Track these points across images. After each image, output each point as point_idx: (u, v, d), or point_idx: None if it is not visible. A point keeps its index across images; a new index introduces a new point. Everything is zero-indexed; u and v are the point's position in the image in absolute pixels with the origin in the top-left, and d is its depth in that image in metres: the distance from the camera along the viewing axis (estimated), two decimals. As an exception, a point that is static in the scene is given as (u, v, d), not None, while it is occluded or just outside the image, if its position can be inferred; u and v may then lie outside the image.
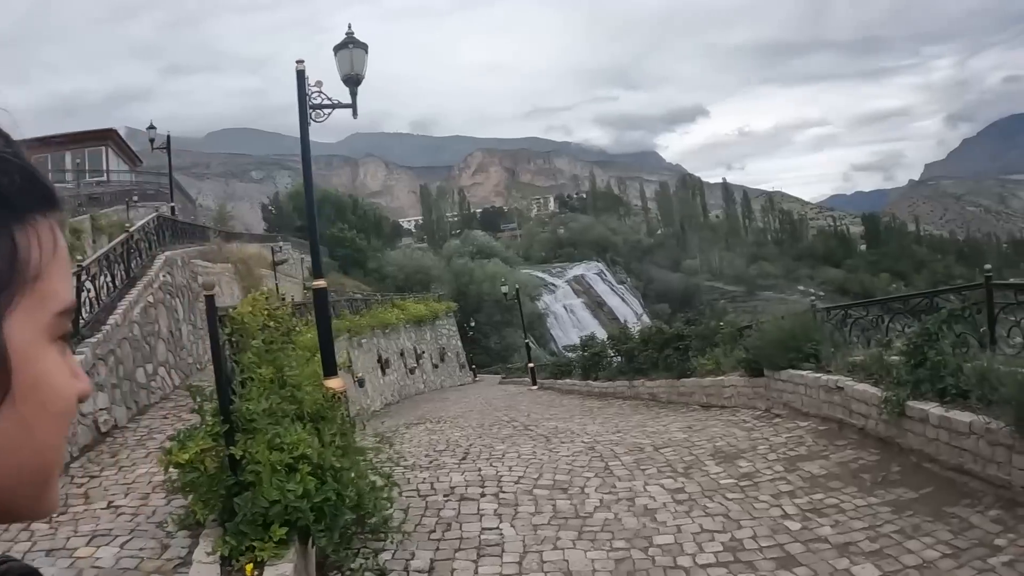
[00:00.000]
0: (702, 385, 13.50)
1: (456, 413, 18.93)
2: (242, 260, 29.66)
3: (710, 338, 14.33)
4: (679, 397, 14.73)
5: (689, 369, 14.29)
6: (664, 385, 15.41)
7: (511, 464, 8.56)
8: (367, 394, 23.19)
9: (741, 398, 11.96)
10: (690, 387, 14.12)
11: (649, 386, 16.65)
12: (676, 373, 14.67)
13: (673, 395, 15.04)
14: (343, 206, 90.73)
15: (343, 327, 20.90)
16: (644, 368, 17.33)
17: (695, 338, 14.44)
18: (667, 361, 14.99)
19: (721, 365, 13.28)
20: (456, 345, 50.43)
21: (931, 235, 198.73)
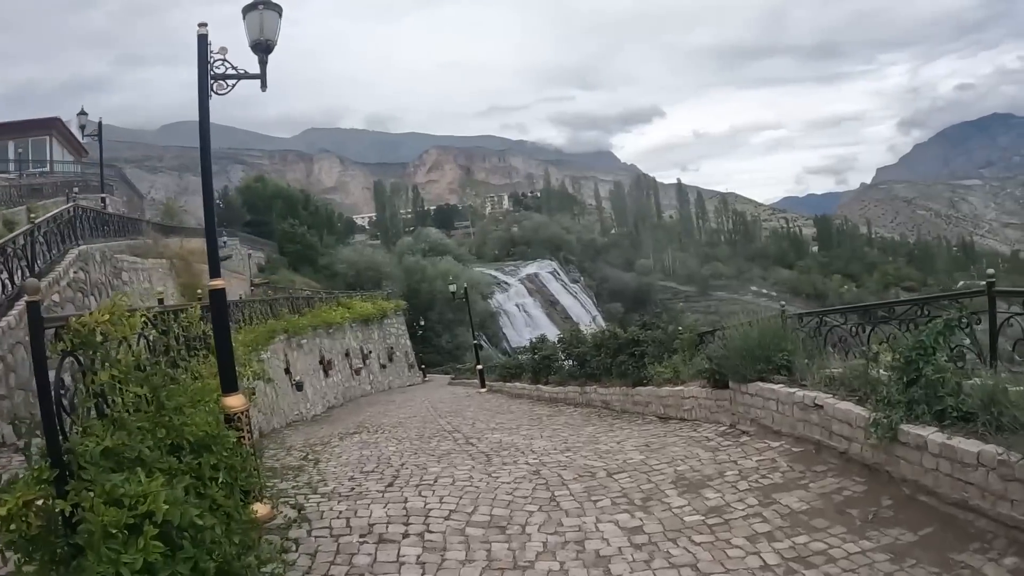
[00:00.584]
0: (659, 395, 12.50)
1: (397, 420, 17.75)
2: (181, 256, 28.12)
3: (668, 344, 13.37)
4: (634, 407, 13.74)
5: (645, 377, 13.31)
6: (618, 393, 14.42)
7: (443, 493, 7.42)
8: (307, 398, 21.89)
9: (703, 411, 10.98)
10: (646, 396, 13.13)
11: (602, 393, 15.66)
12: (631, 381, 13.69)
13: (627, 404, 14.05)
14: (294, 201, 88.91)
15: (280, 328, 19.60)
16: (596, 374, 16.34)
17: (651, 344, 13.46)
18: (621, 368, 13.99)
19: (680, 374, 12.30)
20: (405, 344, 49.14)
21: (882, 238, 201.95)
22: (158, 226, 32.19)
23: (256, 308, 18.23)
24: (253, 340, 15.51)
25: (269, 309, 20.31)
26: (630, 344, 13.70)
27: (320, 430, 16.24)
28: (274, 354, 18.40)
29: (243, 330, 15.72)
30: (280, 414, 17.99)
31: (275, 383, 17.97)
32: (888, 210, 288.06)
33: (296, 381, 19.93)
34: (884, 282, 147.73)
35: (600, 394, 15.81)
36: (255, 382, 10.81)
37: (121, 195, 59.09)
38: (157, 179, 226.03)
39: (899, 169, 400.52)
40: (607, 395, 15.30)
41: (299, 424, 18.64)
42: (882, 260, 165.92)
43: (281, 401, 18.32)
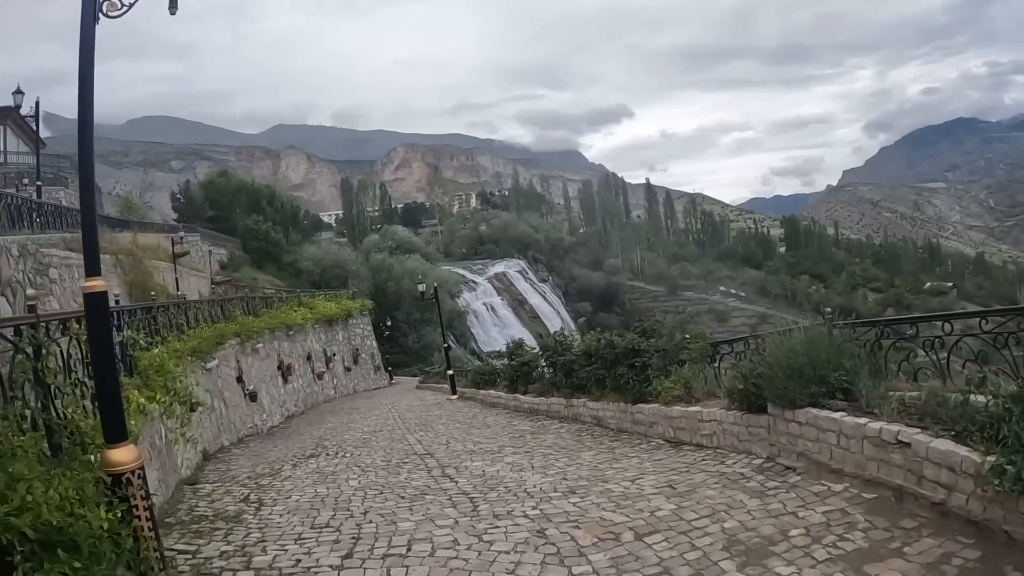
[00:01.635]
0: (668, 415, 10.73)
1: (361, 436, 15.88)
2: (129, 251, 25.93)
3: (674, 355, 11.61)
4: (634, 426, 11.98)
5: (649, 393, 11.54)
6: (614, 410, 12.63)
7: (421, 572, 5.52)
8: (263, 408, 19.87)
9: (728, 438, 9.21)
10: (650, 415, 11.36)
11: (593, 408, 13.88)
12: (631, 396, 11.90)
13: (625, 422, 12.28)
14: (259, 197, 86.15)
15: (231, 331, 17.56)
16: (585, 385, 14.58)
17: (655, 355, 11.69)
18: (619, 381, 12.20)
19: (693, 391, 10.56)
20: (371, 346, 47.12)
21: (849, 239, 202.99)
22: (105, 218, 29.89)
23: (203, 310, 16.21)
24: (196, 347, 13.54)
25: (220, 310, 18.29)
26: (629, 354, 11.91)
27: (273, 450, 14.32)
28: (224, 362, 16.41)
29: (185, 336, 13.75)
30: (231, 429, 16.02)
31: (224, 396, 15.98)
32: (854, 212, 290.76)
33: (249, 391, 17.93)
34: (852, 283, 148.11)
35: (591, 409, 14.03)
36: (176, 408, 8.86)
37: (77, 188, 56.71)
38: (122, 175, 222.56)
39: (865, 171, 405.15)
40: (600, 411, 13.54)
41: (252, 441, 16.66)
42: (849, 261, 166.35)
43: (232, 414, 16.33)
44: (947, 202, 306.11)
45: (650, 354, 11.74)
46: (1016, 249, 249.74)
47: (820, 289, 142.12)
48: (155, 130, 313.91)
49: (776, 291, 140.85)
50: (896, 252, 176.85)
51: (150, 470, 7.59)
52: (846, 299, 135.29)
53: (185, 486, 9.34)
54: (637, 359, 11.78)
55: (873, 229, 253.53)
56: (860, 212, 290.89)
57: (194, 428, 12.38)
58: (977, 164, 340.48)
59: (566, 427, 14.13)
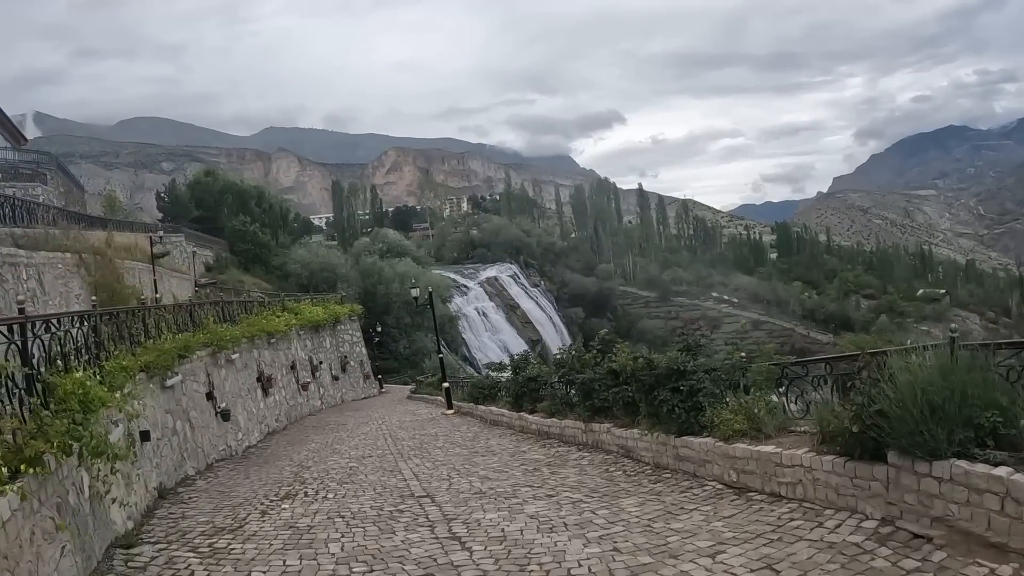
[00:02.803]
0: (729, 454, 8.70)
1: (348, 462, 13.85)
2: (98, 250, 23.75)
3: (730, 378, 9.62)
4: (677, 462, 9.94)
5: (698, 424, 9.52)
6: (651, 442, 10.57)
7: None
8: (238, 426, 17.72)
9: (819, 489, 7.18)
10: (701, 452, 9.33)
11: (620, 436, 11.84)
12: (675, 427, 9.86)
13: (666, 457, 10.25)
14: (246, 197, 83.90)
15: (200, 341, 15.41)
16: (607, 408, 12.57)
17: (707, 377, 9.67)
18: (658, 407, 10.14)
19: (761, 425, 8.55)
20: (360, 353, 44.94)
21: (839, 246, 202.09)
22: (77, 215, 27.74)
23: (166, 317, 14.04)
24: (153, 362, 11.42)
25: (189, 317, 16.12)
26: (673, 376, 9.86)
27: (244, 483, 12.19)
28: (190, 377, 14.27)
29: (142, 349, 11.66)
30: (198, 455, 13.89)
31: (190, 416, 13.85)
32: (844, 218, 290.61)
33: (221, 409, 15.76)
34: (844, 289, 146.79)
35: (617, 437, 11.98)
36: (108, 447, 6.77)
37: (57, 185, 55.51)
38: (113, 175, 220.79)
39: (855, 178, 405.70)
40: (629, 440, 11.49)
41: (222, 468, 14.51)
42: (841, 267, 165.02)
43: (200, 437, 14.20)
44: (937, 209, 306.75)
45: (699, 376, 9.71)
46: (1005, 256, 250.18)
47: (813, 295, 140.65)
48: (146, 131, 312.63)
49: (769, 297, 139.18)
50: (888, 259, 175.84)
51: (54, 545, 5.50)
52: (839, 306, 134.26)
53: (118, 550, 7.24)
54: (683, 382, 9.72)
55: (863, 236, 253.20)
56: (850, 219, 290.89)
57: (145, 461, 10.29)
58: (967, 172, 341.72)
59: (587, 457, 12.10)
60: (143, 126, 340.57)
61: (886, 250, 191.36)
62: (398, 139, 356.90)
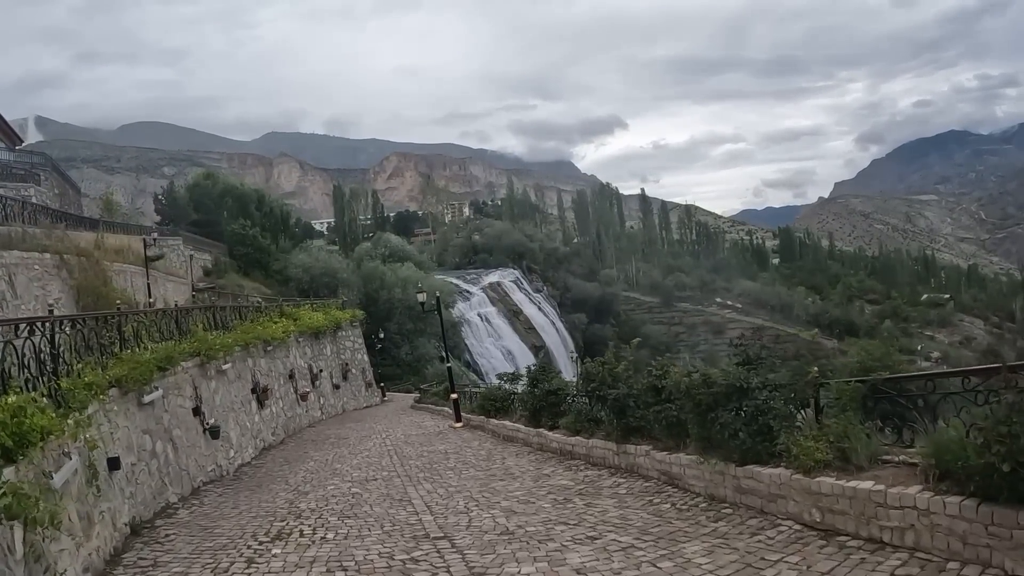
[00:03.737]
0: (811, 489, 7.21)
1: (350, 487, 12.38)
2: (82, 251, 22.28)
3: (802, 396, 8.14)
4: (738, 495, 8.45)
5: (766, 452, 8.04)
6: (705, 470, 9.05)
7: None
8: (230, 443, 16.21)
9: (940, 538, 5.70)
10: (771, 484, 7.84)
11: (662, 460, 10.34)
12: (737, 454, 8.37)
13: (724, 488, 8.75)
14: (246, 201, 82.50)
15: (186, 350, 13.93)
16: (643, 427, 11.09)
17: (774, 395, 8.19)
18: (716, 431, 8.64)
19: (854, 456, 7.07)
20: (362, 360, 43.43)
21: (841, 251, 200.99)
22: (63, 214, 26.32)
23: (147, 323, 12.50)
24: (126, 376, 9.95)
25: (174, 324, 14.57)
26: (734, 394, 8.36)
27: (231, 515, 10.66)
28: (174, 391, 12.78)
29: (116, 360, 10.20)
30: (182, 479, 12.39)
31: (173, 436, 12.36)
32: (846, 224, 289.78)
33: (210, 426, 14.26)
34: (848, 294, 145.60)
35: (657, 462, 10.48)
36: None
37: (52, 186, 54.72)
38: (114, 179, 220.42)
39: (857, 183, 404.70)
40: (674, 466, 9.99)
41: (209, 492, 13.01)
42: (844, 272, 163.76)
43: (184, 458, 12.70)
44: (938, 214, 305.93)
45: (766, 395, 8.22)
46: (1007, 261, 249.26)
47: (816, 300, 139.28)
48: (148, 135, 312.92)
49: (773, 302, 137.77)
50: (891, 264, 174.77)
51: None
52: (843, 311, 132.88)
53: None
54: (746, 401, 8.24)
55: (865, 241, 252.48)
56: (852, 224, 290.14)
57: (114, 494, 8.80)
58: (968, 176, 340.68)
59: (623, 484, 10.61)
60: (144, 130, 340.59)
61: (889, 255, 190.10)
62: (399, 144, 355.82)
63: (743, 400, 8.35)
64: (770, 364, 8.93)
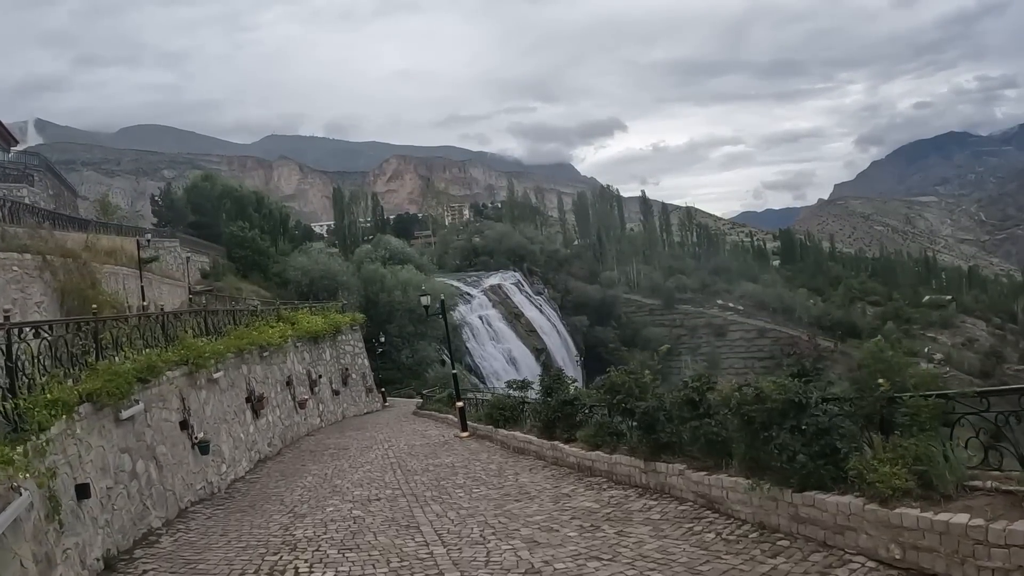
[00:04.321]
0: (889, 522, 6.18)
1: (350, 508, 11.34)
2: (68, 251, 21.23)
3: (870, 414, 7.10)
4: (795, 525, 7.40)
5: (830, 476, 6.99)
6: (757, 495, 7.99)
7: None
8: (222, 457, 15.13)
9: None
10: (839, 515, 6.79)
11: (699, 482, 9.29)
12: (796, 479, 7.31)
13: (777, 517, 7.70)
14: (245, 202, 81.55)
15: (172, 358, 12.85)
16: (676, 444, 10.05)
17: (840, 412, 7.14)
18: (773, 452, 7.59)
19: (940, 483, 6.04)
20: (363, 364, 42.34)
21: (842, 252, 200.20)
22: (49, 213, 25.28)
23: (127, 331, 11.37)
24: (100, 390, 8.89)
25: (161, 331, 13.46)
26: (792, 410, 7.30)
27: (218, 543, 9.57)
28: (158, 404, 11.70)
29: (91, 373, 9.13)
30: (167, 500, 11.31)
31: (156, 453, 11.29)
32: (846, 225, 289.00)
33: (199, 440, 13.19)
34: (849, 296, 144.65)
35: (694, 483, 9.42)
36: None
37: (46, 188, 54.10)
38: (114, 183, 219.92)
39: (856, 185, 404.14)
40: (715, 489, 8.93)
41: (197, 514, 11.94)
42: (846, 274, 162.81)
43: (170, 477, 11.63)
44: (938, 216, 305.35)
45: (829, 412, 7.17)
46: (1007, 262, 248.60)
47: (818, 303, 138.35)
48: (147, 139, 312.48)
49: (774, 304, 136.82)
50: (892, 265, 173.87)
51: None
52: (845, 313, 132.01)
53: None
54: (806, 419, 7.19)
55: (865, 243, 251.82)
56: (852, 226, 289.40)
57: (84, 525, 7.73)
58: (968, 178, 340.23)
59: (655, 507, 9.56)
60: (144, 134, 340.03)
61: (889, 256, 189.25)
62: (399, 147, 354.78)
63: (801, 417, 7.30)
64: (825, 376, 7.86)
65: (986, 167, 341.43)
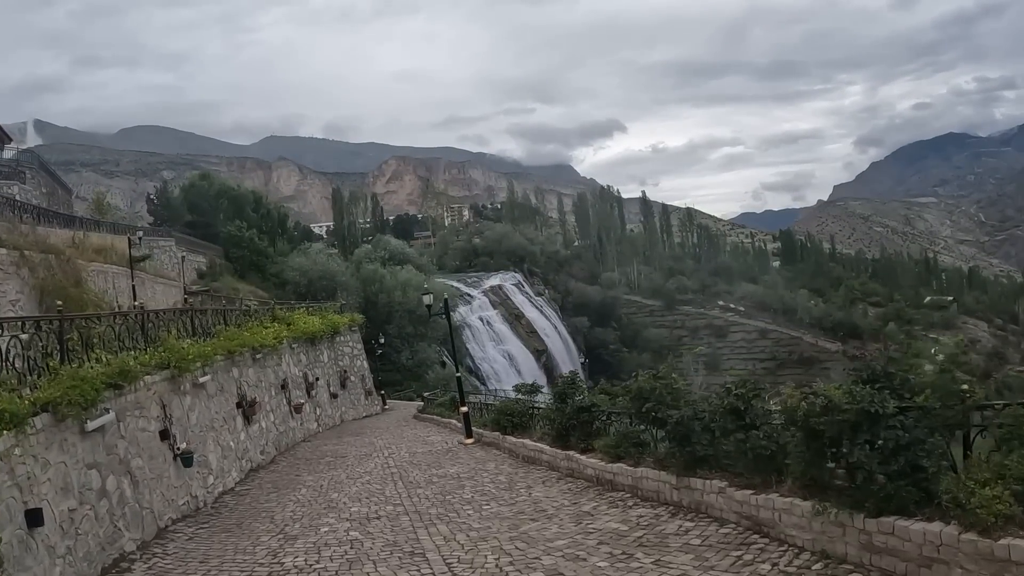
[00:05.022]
0: (994, 555, 5.09)
1: (346, 529, 10.18)
2: (50, 247, 20.12)
3: (957, 422, 6.02)
4: (868, 556, 6.30)
5: (913, 499, 5.91)
6: (819, 523, 6.88)
7: None
8: (208, 469, 14.01)
9: None
10: (927, 545, 5.71)
11: (744, 502, 8.18)
12: (872, 502, 6.22)
13: (845, 546, 6.60)
14: (242, 202, 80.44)
15: (151, 362, 11.73)
16: (711, 458, 8.95)
17: (921, 423, 6.06)
18: (843, 470, 6.47)
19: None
20: (362, 366, 41.21)
21: (841, 253, 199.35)
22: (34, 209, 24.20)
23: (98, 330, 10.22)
24: (60, 399, 7.78)
25: (140, 329, 12.29)
26: (866, 422, 6.19)
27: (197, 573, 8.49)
28: (133, 412, 10.57)
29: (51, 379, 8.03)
30: (143, 520, 10.19)
31: (131, 467, 10.17)
32: (845, 226, 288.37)
33: (181, 451, 12.06)
34: (850, 297, 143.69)
35: (736, 502, 8.31)
36: None
37: (39, 185, 53.24)
38: (113, 183, 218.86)
39: (855, 186, 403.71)
40: (763, 510, 7.83)
41: (179, 534, 10.81)
42: (846, 275, 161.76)
43: (148, 493, 10.51)
44: (938, 217, 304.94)
45: (908, 424, 6.08)
46: (1007, 263, 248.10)
47: (819, 304, 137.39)
48: (147, 140, 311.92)
49: (775, 305, 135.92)
50: (892, 266, 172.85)
51: None
52: (846, 314, 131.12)
53: None
54: (883, 432, 6.09)
55: (864, 244, 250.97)
56: (851, 227, 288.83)
57: (37, 558, 6.61)
58: (967, 179, 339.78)
59: (693, 529, 8.44)
60: (144, 135, 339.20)
61: (890, 257, 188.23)
62: (398, 148, 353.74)
63: (877, 430, 6.20)
64: (905, 382, 6.71)
65: (985, 168, 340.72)
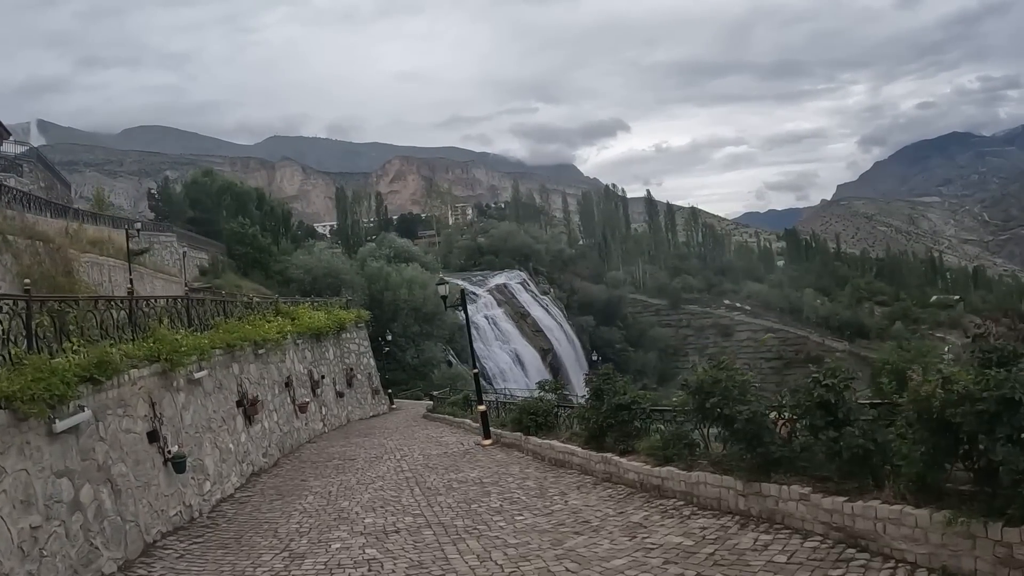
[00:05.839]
0: None
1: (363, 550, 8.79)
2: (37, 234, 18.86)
3: None
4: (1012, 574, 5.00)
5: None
6: (937, 535, 5.55)
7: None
8: (205, 474, 12.68)
9: None
10: None
11: (838, 511, 6.84)
12: (1018, 510, 4.87)
13: (980, 561, 5.31)
14: (245, 199, 79.45)
15: (139, 354, 10.39)
16: (786, 461, 7.62)
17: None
18: (981, 470, 5.14)
19: None
20: (368, 364, 39.91)
21: (847, 253, 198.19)
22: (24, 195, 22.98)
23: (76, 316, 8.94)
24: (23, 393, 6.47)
25: (127, 317, 10.92)
26: (1006, 411, 4.85)
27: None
28: (118, 410, 9.27)
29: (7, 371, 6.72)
30: (125, 534, 8.86)
31: (112, 474, 8.83)
32: (849, 226, 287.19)
33: (172, 455, 10.72)
34: (856, 296, 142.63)
35: (825, 511, 6.98)
36: None
37: (36, 179, 52.51)
38: (117, 183, 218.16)
39: (859, 186, 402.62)
40: (861, 519, 6.50)
41: (167, 551, 9.47)
42: (852, 274, 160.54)
43: (132, 503, 9.18)
44: (942, 216, 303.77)
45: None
46: (1011, 263, 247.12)
47: (825, 303, 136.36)
48: (150, 140, 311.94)
49: (781, 305, 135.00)
50: (897, 265, 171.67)
51: None
52: (852, 313, 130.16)
53: None
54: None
55: (868, 243, 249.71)
56: (855, 226, 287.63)
57: None
58: (971, 178, 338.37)
59: (773, 544, 7.10)
60: (147, 135, 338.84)
61: (895, 257, 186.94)
62: (401, 148, 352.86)
63: (1017, 421, 4.85)
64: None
65: (989, 167, 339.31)
